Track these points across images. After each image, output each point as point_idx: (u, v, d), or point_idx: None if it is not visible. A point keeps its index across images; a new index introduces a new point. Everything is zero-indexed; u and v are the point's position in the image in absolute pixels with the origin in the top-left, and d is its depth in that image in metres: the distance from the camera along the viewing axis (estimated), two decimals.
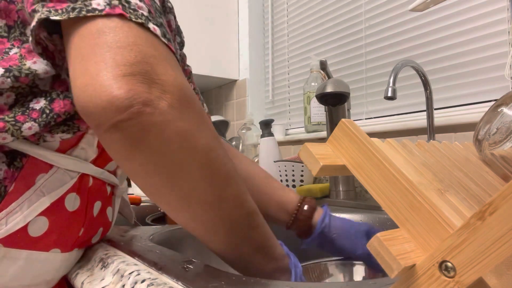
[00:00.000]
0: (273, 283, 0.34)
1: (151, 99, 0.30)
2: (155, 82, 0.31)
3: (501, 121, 0.33)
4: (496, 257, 0.19)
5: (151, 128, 0.30)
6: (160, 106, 0.30)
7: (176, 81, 0.32)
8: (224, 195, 0.37)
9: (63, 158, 0.45)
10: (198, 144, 0.33)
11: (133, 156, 0.32)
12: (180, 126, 0.31)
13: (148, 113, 0.30)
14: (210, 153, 0.34)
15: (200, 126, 0.33)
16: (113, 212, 0.55)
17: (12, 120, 0.40)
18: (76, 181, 0.46)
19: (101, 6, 0.33)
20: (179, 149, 0.32)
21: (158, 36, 0.34)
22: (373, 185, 0.25)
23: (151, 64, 0.31)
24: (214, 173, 0.35)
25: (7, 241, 0.41)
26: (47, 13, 0.34)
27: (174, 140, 0.32)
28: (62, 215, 0.45)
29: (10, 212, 0.41)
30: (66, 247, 0.46)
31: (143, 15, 0.34)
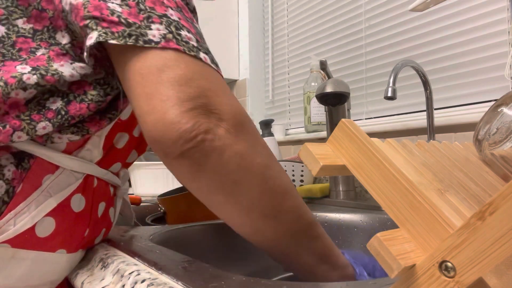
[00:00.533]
0: (274, 283, 0.34)
1: (211, 127, 0.34)
2: (212, 112, 0.35)
3: (501, 121, 0.33)
4: (496, 257, 0.19)
5: (212, 153, 0.35)
6: (218, 133, 0.35)
7: (230, 109, 0.36)
8: (282, 208, 0.40)
9: (69, 159, 0.45)
10: (254, 163, 0.37)
11: (198, 178, 0.36)
12: (237, 148, 0.36)
13: (210, 139, 0.34)
14: (266, 170, 0.38)
15: (255, 146, 0.37)
16: (115, 212, 0.55)
17: (27, 118, 0.41)
18: (81, 182, 0.46)
19: (156, 38, 0.37)
20: (237, 169, 0.36)
21: (209, 65, 0.38)
22: (373, 185, 0.25)
23: (208, 97, 0.35)
24: (271, 188, 0.38)
25: (15, 242, 0.41)
26: (104, 36, 0.37)
27: (232, 161, 0.35)
28: (68, 215, 0.45)
29: (18, 213, 0.41)
30: (71, 248, 0.47)
31: (194, 46, 0.38)
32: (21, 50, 0.45)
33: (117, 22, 0.37)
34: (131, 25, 0.37)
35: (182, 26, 0.39)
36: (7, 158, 0.42)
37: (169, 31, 0.37)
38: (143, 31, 0.37)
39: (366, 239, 0.73)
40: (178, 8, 0.41)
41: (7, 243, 0.41)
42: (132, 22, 0.37)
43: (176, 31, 0.38)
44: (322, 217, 0.79)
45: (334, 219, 0.78)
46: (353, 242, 0.75)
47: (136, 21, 0.37)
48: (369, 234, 0.74)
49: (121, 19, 0.37)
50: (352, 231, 0.75)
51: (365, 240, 0.73)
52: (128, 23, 0.37)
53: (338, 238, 0.76)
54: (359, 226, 0.75)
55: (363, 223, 0.75)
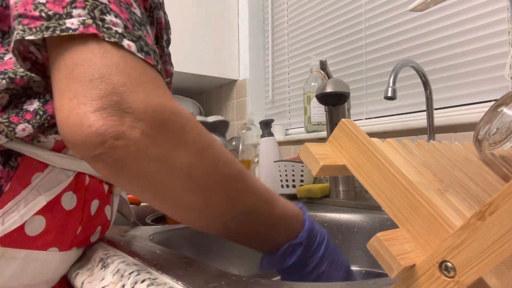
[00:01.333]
0: (274, 283, 0.34)
1: (123, 131, 0.31)
2: (125, 112, 0.31)
3: (501, 121, 0.33)
4: (496, 257, 0.19)
5: (127, 159, 0.32)
6: (132, 136, 0.31)
7: (148, 106, 0.32)
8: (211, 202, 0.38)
9: (59, 157, 0.45)
10: (175, 165, 0.34)
11: (119, 180, 0.35)
12: (154, 152, 0.33)
13: (121, 146, 0.31)
14: (190, 170, 0.35)
15: (177, 146, 0.34)
16: (111, 210, 0.55)
17: (6, 121, 0.41)
18: (72, 179, 0.46)
19: (74, 25, 0.34)
20: (157, 172, 0.34)
21: (133, 53, 0.35)
22: (373, 185, 0.25)
23: (121, 94, 0.32)
24: (198, 186, 0.36)
25: (4, 241, 0.41)
26: (22, 33, 0.35)
27: (150, 166, 0.33)
28: (59, 214, 0.45)
29: (6, 212, 0.41)
30: (64, 246, 0.46)
31: (117, 32, 0.35)
32: None
33: (37, 17, 0.35)
34: (51, 18, 0.35)
35: (109, 10, 0.36)
36: None
37: (91, 16, 0.35)
38: (62, 21, 0.34)
39: (366, 239, 0.73)
40: None
41: None
42: (52, 13, 0.35)
43: (100, 15, 0.35)
44: (322, 217, 0.79)
45: (334, 219, 0.78)
46: (353, 242, 0.75)
47: (58, 10, 0.35)
48: (369, 234, 0.74)
49: (42, 13, 0.35)
50: (352, 231, 0.75)
51: (365, 240, 0.73)
52: (48, 16, 0.35)
53: (338, 238, 0.76)
54: (359, 226, 0.75)
55: (363, 223, 0.75)
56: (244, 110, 1.60)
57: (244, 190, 0.40)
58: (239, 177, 0.39)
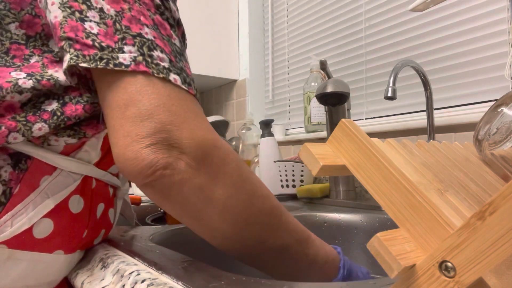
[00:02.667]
0: (274, 283, 0.34)
1: (170, 162, 0.35)
2: (173, 146, 0.36)
3: (501, 121, 0.33)
4: (496, 257, 0.19)
5: (172, 186, 0.36)
6: (178, 167, 0.36)
7: (192, 141, 0.36)
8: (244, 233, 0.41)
9: (67, 161, 0.45)
10: (214, 195, 0.38)
11: (164, 204, 0.38)
12: (196, 182, 0.37)
13: (168, 174, 0.35)
14: (227, 201, 0.38)
15: (217, 178, 0.38)
16: (114, 213, 0.55)
17: (23, 120, 0.41)
18: (79, 183, 0.46)
19: (127, 61, 0.37)
20: (198, 201, 0.37)
21: (179, 86, 0.39)
22: (373, 185, 0.25)
23: (168, 131, 0.36)
24: (233, 218, 0.39)
25: (12, 243, 0.41)
26: (75, 59, 0.38)
27: (192, 193, 0.37)
28: (66, 217, 0.45)
29: (15, 214, 0.41)
30: (69, 249, 0.47)
31: (164, 68, 0.39)
32: (14, 57, 0.45)
33: (91, 45, 0.38)
34: (104, 49, 0.38)
35: (155, 46, 0.39)
36: (4, 159, 0.42)
37: (140, 53, 0.38)
38: (115, 54, 0.38)
39: (366, 239, 0.73)
40: (155, 26, 0.41)
41: (3, 244, 0.41)
42: (105, 45, 0.38)
43: (148, 52, 0.39)
44: (322, 217, 0.79)
45: (334, 219, 0.78)
46: (353, 242, 0.75)
47: (111, 44, 0.38)
48: (369, 234, 0.74)
49: (95, 42, 0.38)
50: (352, 231, 0.75)
51: (365, 240, 0.73)
52: (101, 47, 0.38)
53: (338, 238, 0.76)
54: (359, 226, 0.75)
55: (363, 223, 0.75)
56: (244, 110, 1.60)
57: (277, 226, 0.42)
58: (273, 213, 0.42)
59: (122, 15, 0.40)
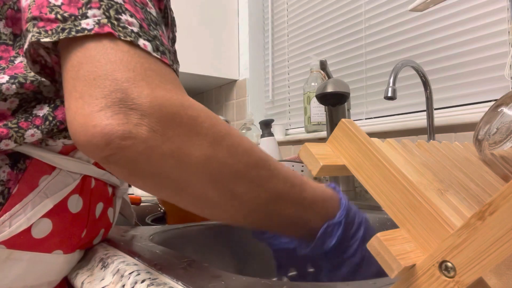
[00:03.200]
0: (274, 283, 0.34)
1: (129, 129, 0.30)
2: (131, 108, 0.30)
3: (501, 121, 0.33)
4: (496, 257, 0.19)
5: (137, 158, 0.30)
6: (139, 135, 0.30)
7: (154, 100, 0.31)
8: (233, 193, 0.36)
9: (66, 160, 0.45)
10: (190, 159, 0.33)
11: (134, 180, 0.33)
12: (166, 149, 0.31)
13: (129, 145, 0.30)
14: (206, 163, 0.33)
15: (189, 140, 0.32)
16: (114, 213, 0.55)
17: (15, 126, 0.40)
18: (78, 182, 0.46)
19: (90, 25, 0.33)
20: (172, 169, 0.32)
21: (148, 52, 0.34)
22: (373, 185, 0.25)
23: (124, 90, 0.31)
24: (218, 180, 0.35)
25: (10, 243, 0.41)
26: (37, 35, 0.34)
27: (164, 163, 0.32)
28: (65, 216, 0.45)
29: (13, 214, 0.41)
30: (68, 249, 0.46)
31: (132, 32, 0.34)
32: (1, 59, 0.44)
33: (53, 19, 0.34)
34: (67, 19, 0.34)
35: (124, 9, 0.36)
36: (2, 159, 0.42)
37: (106, 16, 0.34)
38: (77, 22, 0.34)
39: None
40: None
41: (2, 244, 0.41)
42: (68, 15, 0.34)
43: (116, 15, 0.35)
44: None
45: None
46: None
47: (74, 11, 0.34)
48: None
49: (58, 15, 0.34)
50: None
51: None
52: (63, 18, 0.34)
53: None
54: None
55: None
56: (244, 110, 1.60)
57: (268, 177, 0.38)
58: (261, 164, 0.37)
59: None
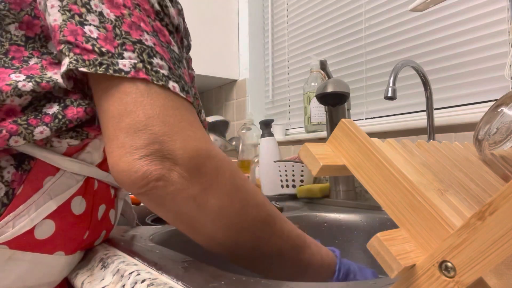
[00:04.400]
0: (274, 283, 0.34)
1: (163, 173, 0.36)
2: (166, 157, 0.36)
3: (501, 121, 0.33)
4: (496, 257, 0.19)
5: (166, 196, 0.37)
6: (171, 178, 0.36)
7: (185, 152, 0.37)
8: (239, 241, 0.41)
9: (70, 162, 0.45)
10: (207, 205, 0.38)
11: (158, 211, 0.39)
12: (189, 193, 0.37)
13: (161, 186, 0.36)
14: (220, 210, 0.39)
15: (210, 188, 0.38)
16: (115, 214, 0.55)
17: (24, 123, 0.41)
18: (82, 184, 0.46)
19: (127, 67, 0.37)
20: (191, 210, 0.38)
21: (177, 94, 0.39)
22: (373, 185, 0.25)
23: (162, 142, 0.36)
24: (227, 226, 0.40)
25: (13, 244, 0.41)
26: (75, 63, 0.37)
27: (185, 204, 0.37)
28: (68, 218, 0.45)
29: (17, 215, 0.41)
30: (70, 250, 0.47)
31: (163, 75, 0.39)
32: (13, 59, 0.45)
33: (91, 50, 0.37)
34: (104, 54, 0.37)
35: (155, 53, 0.39)
36: (7, 159, 0.42)
37: (140, 59, 0.38)
38: (115, 60, 0.37)
39: (366, 239, 0.73)
40: (155, 33, 0.41)
41: (5, 244, 0.41)
42: (105, 50, 0.38)
43: (148, 58, 0.39)
44: (322, 217, 0.79)
45: (334, 219, 0.78)
46: (353, 242, 0.75)
47: (110, 49, 0.38)
48: (369, 234, 0.74)
49: (95, 47, 0.38)
50: (352, 231, 0.75)
51: (365, 240, 0.73)
52: (101, 52, 0.37)
53: (338, 238, 0.76)
54: (359, 226, 0.75)
55: (363, 223, 0.75)
56: (244, 110, 1.60)
57: (271, 234, 0.43)
58: (268, 220, 0.42)
59: (122, 20, 0.39)
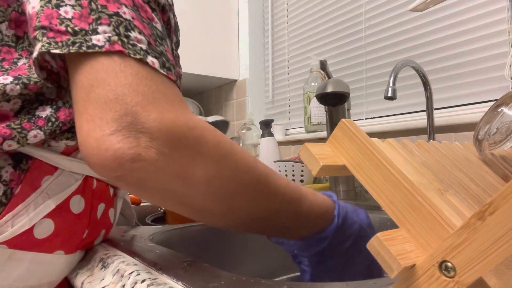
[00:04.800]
0: (274, 283, 0.34)
1: (139, 152, 0.31)
2: (140, 132, 0.32)
3: (501, 121, 0.33)
4: (496, 257, 0.19)
5: (147, 178, 0.32)
6: (148, 157, 0.32)
7: (162, 124, 0.32)
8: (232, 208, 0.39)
9: (68, 161, 0.45)
10: (194, 178, 0.35)
11: (141, 195, 0.36)
12: (173, 169, 0.33)
13: (139, 167, 0.31)
14: (209, 181, 0.35)
15: (194, 160, 0.34)
16: (115, 213, 0.55)
17: (18, 127, 0.41)
18: (80, 183, 0.46)
19: (101, 42, 0.34)
20: (177, 187, 0.34)
21: (156, 70, 0.35)
22: (373, 185, 0.25)
23: (135, 113, 0.32)
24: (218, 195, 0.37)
25: (12, 243, 0.41)
26: (47, 46, 0.35)
27: (170, 182, 0.34)
28: (67, 217, 0.45)
29: (16, 214, 0.41)
30: (70, 249, 0.47)
31: (141, 49, 0.35)
32: (4, 60, 0.44)
33: (64, 31, 0.35)
34: (77, 33, 0.35)
35: (133, 26, 0.37)
36: (5, 159, 0.42)
37: (116, 33, 0.35)
38: (88, 37, 0.35)
39: None
40: (135, 7, 0.39)
41: (4, 244, 0.41)
42: (78, 29, 0.35)
43: (125, 32, 0.36)
44: None
45: None
46: None
47: (84, 26, 0.36)
48: None
49: (69, 28, 0.35)
50: None
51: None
52: (74, 32, 0.35)
53: None
54: None
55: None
56: (244, 110, 1.60)
57: (266, 194, 0.40)
58: (260, 182, 0.40)
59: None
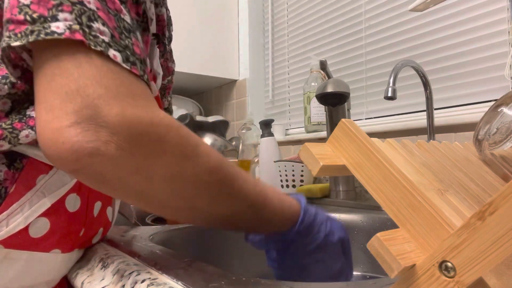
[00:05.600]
0: (274, 283, 0.34)
1: (97, 147, 0.30)
2: (100, 126, 0.30)
3: (501, 121, 0.33)
4: (496, 257, 0.19)
5: (105, 173, 0.32)
6: (108, 152, 0.31)
7: (123, 119, 0.31)
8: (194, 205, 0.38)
9: None
10: (155, 175, 0.34)
11: (102, 190, 0.35)
12: (132, 166, 0.32)
13: (97, 162, 0.31)
14: (170, 179, 0.35)
15: (155, 157, 0.33)
16: (113, 212, 0.55)
17: (9, 127, 0.40)
18: (76, 181, 0.46)
19: (60, 29, 0.32)
20: (137, 183, 0.34)
21: (118, 64, 0.34)
22: (373, 185, 0.25)
23: (95, 107, 0.31)
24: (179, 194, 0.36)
25: (8, 242, 0.41)
26: (7, 40, 0.33)
27: (130, 179, 0.33)
28: (63, 215, 0.45)
29: (11, 214, 0.41)
30: (66, 248, 0.46)
31: (103, 41, 0.34)
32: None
33: (22, 20, 0.33)
34: (36, 21, 0.33)
35: (97, 17, 0.34)
36: None
37: (78, 22, 0.33)
38: (47, 24, 0.32)
39: (366, 239, 0.73)
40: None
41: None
42: (37, 16, 0.33)
43: (88, 22, 0.34)
44: None
45: None
46: (353, 242, 0.75)
47: (43, 12, 0.33)
48: (369, 234, 0.74)
49: (27, 16, 0.33)
50: (352, 231, 0.75)
51: (365, 240, 0.73)
52: (32, 19, 0.33)
53: None
54: (359, 226, 0.75)
55: (363, 223, 0.75)
56: (244, 110, 1.60)
57: (228, 196, 0.39)
58: (223, 183, 0.39)
59: None
